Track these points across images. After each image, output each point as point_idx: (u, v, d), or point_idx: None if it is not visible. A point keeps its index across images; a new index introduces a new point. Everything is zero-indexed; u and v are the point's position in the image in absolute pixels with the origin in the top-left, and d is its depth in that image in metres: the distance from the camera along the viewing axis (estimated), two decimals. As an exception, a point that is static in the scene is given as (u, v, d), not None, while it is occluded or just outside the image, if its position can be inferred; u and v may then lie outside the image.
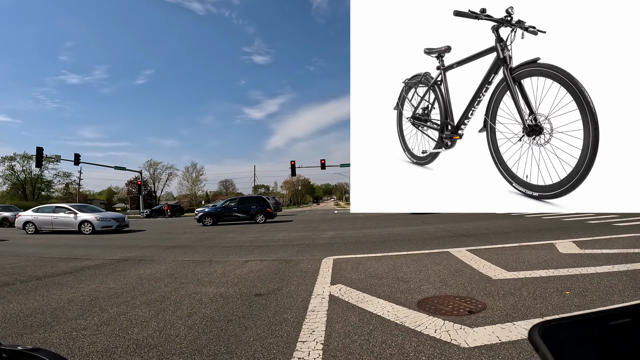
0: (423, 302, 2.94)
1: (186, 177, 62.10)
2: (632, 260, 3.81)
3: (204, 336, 2.46)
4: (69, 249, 7.93)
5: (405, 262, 4.67)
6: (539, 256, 4.41)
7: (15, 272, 5.09)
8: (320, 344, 2.22)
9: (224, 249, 7.06)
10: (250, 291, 3.61)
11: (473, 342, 2.07)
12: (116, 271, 4.99)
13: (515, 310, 2.55)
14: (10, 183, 47.30)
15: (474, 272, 3.85)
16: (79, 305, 3.33)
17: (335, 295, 3.29)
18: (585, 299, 2.69)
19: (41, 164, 23.62)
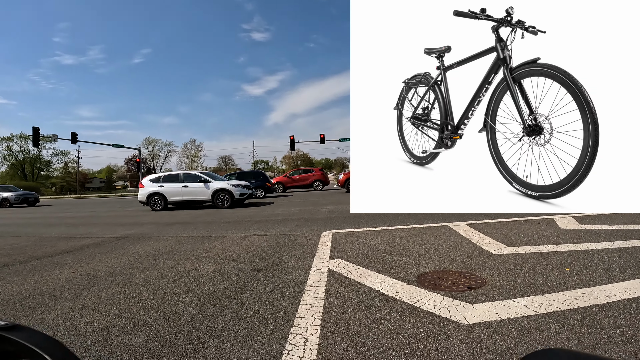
0: (422, 277, 2.92)
1: (185, 153, 61.92)
2: (632, 236, 3.78)
3: (202, 313, 2.45)
4: (69, 228, 7.95)
5: (404, 236, 4.66)
6: (539, 231, 4.38)
7: (14, 253, 5.09)
8: (319, 320, 2.21)
9: (223, 224, 7.07)
10: (249, 267, 3.60)
11: (473, 319, 2.04)
12: (115, 249, 4.99)
13: (515, 287, 2.53)
14: (9, 163, 47.22)
15: (473, 247, 3.82)
16: (77, 284, 3.32)
17: (334, 270, 3.28)
18: (586, 276, 2.67)
19: (38, 144, 23.33)
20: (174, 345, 2.01)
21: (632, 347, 1.63)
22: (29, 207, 19.41)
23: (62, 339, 2.18)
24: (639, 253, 3.17)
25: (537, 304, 2.20)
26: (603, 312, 2.02)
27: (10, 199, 19.56)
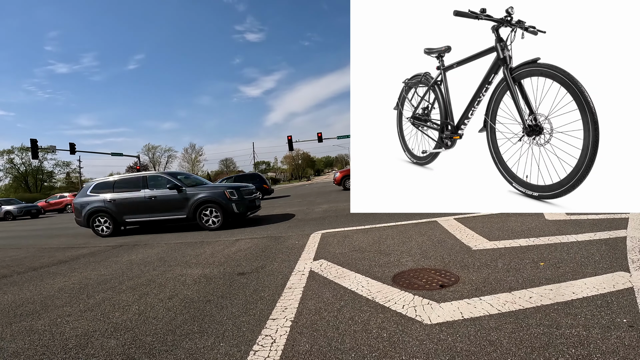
0: (398, 276, 2.97)
1: (185, 158, 62.36)
2: (616, 226, 3.77)
3: (180, 317, 2.54)
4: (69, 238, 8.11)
5: (391, 233, 4.70)
6: (524, 223, 4.39)
7: (13, 264, 5.25)
8: (290, 321, 2.28)
9: (218, 228, 7.16)
10: (234, 270, 3.69)
11: (436, 319, 2.09)
12: (109, 257, 5.12)
13: (486, 284, 2.56)
14: (11, 176, 47.71)
15: (455, 243, 3.86)
16: (68, 293, 3.44)
17: (315, 271, 3.34)
18: (558, 271, 2.69)
19: (37, 156, 23.63)
20: (149, 347, 2.10)
21: (583, 349, 1.65)
22: (32, 218, 19.70)
23: (47, 343, 2.30)
24: (618, 244, 3.17)
25: (502, 301, 2.24)
26: (564, 310, 2.05)
27: (13, 211, 19.95)
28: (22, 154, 46.93)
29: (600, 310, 2.00)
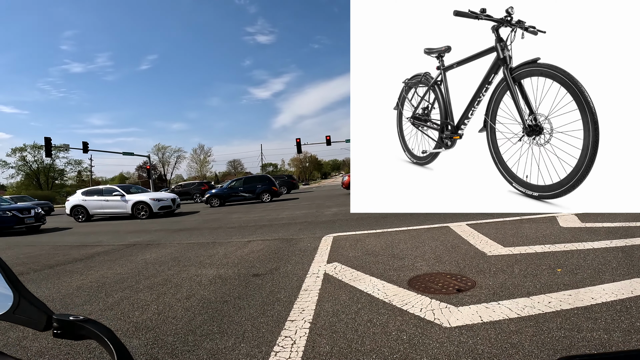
0: (414, 279, 2.98)
1: (194, 159, 63.01)
2: (632, 234, 3.73)
3: (199, 317, 2.58)
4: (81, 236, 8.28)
5: (403, 238, 4.71)
6: (539, 230, 4.36)
7: (29, 262, 5.37)
8: (308, 323, 2.31)
9: (228, 230, 7.25)
10: (249, 272, 3.73)
11: (455, 322, 2.10)
12: (124, 256, 5.21)
13: (503, 289, 2.56)
14: (23, 174, 48.68)
15: (469, 248, 3.85)
16: (86, 291, 3.51)
17: (330, 274, 3.36)
18: (576, 277, 2.67)
19: (51, 154, 24.10)
20: (171, 348, 2.14)
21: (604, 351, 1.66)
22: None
23: (69, 342, 2.35)
24: (635, 252, 3.14)
25: (521, 306, 2.24)
26: (584, 314, 2.05)
27: None
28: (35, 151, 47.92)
29: (620, 315, 2.00)
